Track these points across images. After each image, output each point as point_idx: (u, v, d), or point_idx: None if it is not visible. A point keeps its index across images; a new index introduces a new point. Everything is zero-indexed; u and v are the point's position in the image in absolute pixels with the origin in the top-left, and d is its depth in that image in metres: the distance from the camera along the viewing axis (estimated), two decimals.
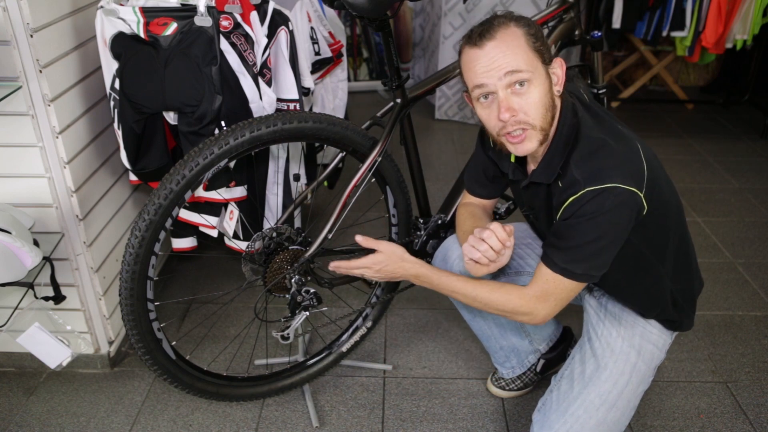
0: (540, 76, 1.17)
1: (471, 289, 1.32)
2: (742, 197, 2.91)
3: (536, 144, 1.21)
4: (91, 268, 1.71)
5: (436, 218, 1.76)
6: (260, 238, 1.48)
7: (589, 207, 1.15)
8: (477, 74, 1.18)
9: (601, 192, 1.13)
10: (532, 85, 1.16)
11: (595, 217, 1.15)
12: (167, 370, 1.53)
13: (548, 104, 1.19)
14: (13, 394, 1.78)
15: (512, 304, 1.28)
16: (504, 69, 1.15)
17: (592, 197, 1.14)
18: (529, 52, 1.16)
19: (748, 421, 1.70)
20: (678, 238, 1.32)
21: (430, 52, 3.84)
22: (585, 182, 1.15)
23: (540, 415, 1.42)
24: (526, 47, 1.16)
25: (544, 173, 1.25)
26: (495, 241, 1.23)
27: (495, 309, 1.32)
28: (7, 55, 1.42)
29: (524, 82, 1.16)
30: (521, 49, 1.15)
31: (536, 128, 1.19)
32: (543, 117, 1.19)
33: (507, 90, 1.17)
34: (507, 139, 1.21)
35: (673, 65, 4.16)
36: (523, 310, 1.28)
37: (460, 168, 2.09)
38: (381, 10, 1.44)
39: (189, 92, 1.54)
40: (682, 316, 1.38)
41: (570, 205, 1.18)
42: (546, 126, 1.20)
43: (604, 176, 1.14)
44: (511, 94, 1.17)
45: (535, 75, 1.16)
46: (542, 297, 1.26)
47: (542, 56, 1.18)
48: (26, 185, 1.58)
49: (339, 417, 1.72)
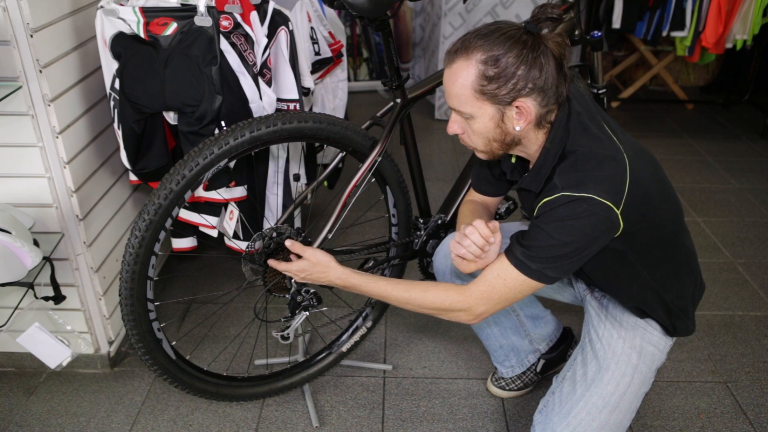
0: (484, 116, 1.18)
1: (403, 290, 1.32)
2: (742, 197, 2.91)
3: (488, 157, 1.28)
4: (91, 268, 1.71)
5: (436, 218, 1.76)
6: (260, 238, 1.48)
7: (561, 210, 1.14)
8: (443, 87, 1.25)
9: (575, 199, 1.13)
10: (473, 119, 1.19)
11: (564, 221, 1.14)
12: (167, 370, 1.53)
13: (495, 137, 1.21)
14: (13, 394, 1.78)
15: (449, 300, 1.27)
16: (450, 101, 1.21)
17: (566, 201, 1.14)
18: (471, 96, 1.16)
19: (748, 421, 1.70)
20: (673, 248, 1.31)
21: (430, 52, 3.84)
22: (562, 188, 1.15)
23: (542, 417, 1.41)
24: (470, 90, 1.15)
25: (533, 181, 1.25)
26: (477, 237, 1.24)
27: (430, 308, 1.30)
28: (7, 55, 1.42)
29: (466, 116, 1.20)
30: (465, 90, 1.16)
31: (479, 151, 1.26)
32: (485, 145, 1.23)
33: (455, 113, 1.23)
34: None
35: (673, 65, 4.16)
36: (459, 306, 1.27)
37: (460, 168, 2.09)
38: (381, 10, 1.44)
39: (189, 92, 1.54)
40: (676, 322, 1.38)
41: (543, 205, 1.18)
42: (492, 151, 1.25)
43: (581, 186, 1.14)
44: (459, 116, 1.23)
45: (477, 115, 1.18)
46: (485, 294, 1.24)
47: (494, 98, 1.15)
48: (26, 185, 1.58)
49: (339, 417, 1.72)
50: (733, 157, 3.33)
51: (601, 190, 1.13)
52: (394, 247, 1.77)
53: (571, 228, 1.14)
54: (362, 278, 1.37)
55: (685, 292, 1.38)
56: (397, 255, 1.78)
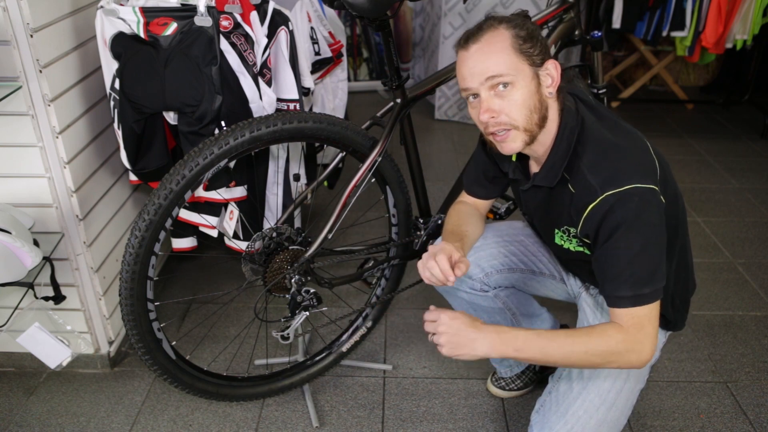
0: (524, 78, 1.16)
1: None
2: (742, 197, 2.91)
3: (521, 144, 1.20)
4: (91, 268, 1.71)
5: (436, 218, 1.77)
6: (260, 238, 1.48)
7: (616, 217, 1.11)
8: (463, 76, 1.20)
9: (621, 196, 1.10)
10: (514, 87, 1.16)
11: (629, 226, 1.10)
12: (167, 370, 1.53)
13: (534, 106, 1.18)
14: (13, 394, 1.78)
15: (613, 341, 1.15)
16: (484, 73, 1.16)
17: (614, 202, 1.11)
18: (512, 55, 1.15)
19: (748, 421, 1.70)
20: (684, 238, 1.32)
21: (430, 52, 3.84)
22: (602, 187, 1.12)
23: (539, 416, 1.41)
24: (510, 50, 1.15)
25: (547, 176, 1.24)
26: (437, 272, 1.22)
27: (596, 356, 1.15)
28: (7, 55, 1.42)
29: (506, 84, 1.16)
30: (504, 52, 1.15)
31: (519, 129, 1.18)
32: (527, 118, 1.18)
33: (490, 92, 1.17)
34: (493, 138, 1.22)
35: (673, 65, 4.16)
36: (623, 347, 1.14)
37: (460, 168, 2.09)
38: (381, 10, 1.44)
39: (189, 92, 1.54)
40: (677, 315, 1.38)
41: (592, 214, 1.14)
42: (531, 127, 1.19)
43: (621, 178, 1.11)
44: (494, 95, 1.17)
45: (518, 77, 1.16)
46: (637, 327, 1.14)
47: (530, 58, 1.16)
48: (26, 185, 1.58)
49: (339, 417, 1.72)
50: (733, 157, 3.33)
51: (640, 175, 1.11)
52: (394, 247, 1.77)
53: (639, 227, 1.11)
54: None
55: (690, 285, 1.39)
56: (397, 255, 1.78)
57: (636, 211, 1.10)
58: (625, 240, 1.11)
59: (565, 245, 1.30)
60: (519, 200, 1.45)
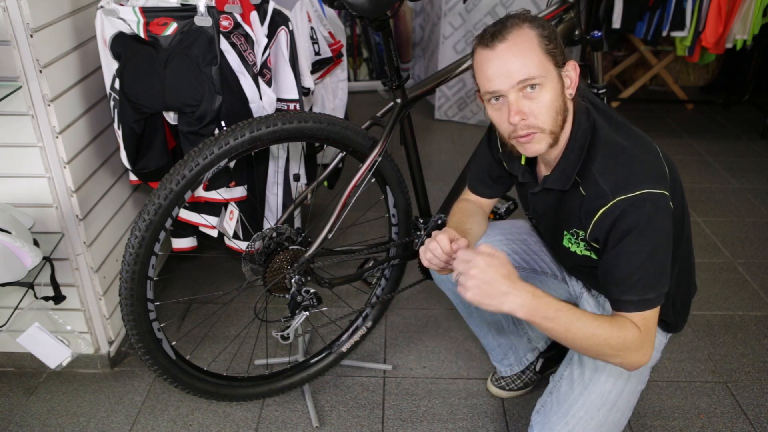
0: (552, 80, 1.14)
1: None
2: (742, 197, 2.91)
3: (545, 146, 1.18)
4: (91, 268, 1.71)
5: (436, 218, 1.76)
6: (260, 238, 1.48)
7: (627, 222, 1.10)
8: (488, 77, 1.15)
9: (633, 201, 1.10)
10: (543, 88, 1.13)
11: (640, 231, 1.10)
12: (167, 370, 1.53)
13: (559, 108, 1.16)
14: (13, 394, 1.78)
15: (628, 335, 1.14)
16: (515, 75, 1.12)
17: (626, 207, 1.10)
18: (540, 56, 1.13)
19: (748, 421, 1.70)
20: (687, 242, 1.31)
21: (430, 52, 3.84)
22: (613, 192, 1.12)
23: (540, 417, 1.41)
24: (538, 50, 1.13)
25: (559, 179, 1.22)
26: (439, 252, 1.21)
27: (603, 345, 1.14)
28: (7, 55, 1.42)
29: (535, 86, 1.13)
30: (533, 53, 1.12)
31: (545, 132, 1.16)
32: (553, 120, 1.16)
33: (518, 93, 1.13)
34: (517, 141, 1.19)
35: (673, 65, 4.16)
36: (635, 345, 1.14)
37: (460, 168, 2.09)
38: (381, 10, 1.44)
39: (189, 92, 1.54)
40: (677, 318, 1.38)
41: (602, 218, 1.13)
42: (556, 129, 1.17)
43: (633, 183, 1.10)
44: (522, 97, 1.14)
45: (546, 79, 1.13)
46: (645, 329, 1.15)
47: (555, 59, 1.14)
48: (26, 185, 1.58)
49: (339, 417, 1.72)
50: (733, 157, 3.33)
51: (652, 180, 1.11)
52: (394, 247, 1.77)
53: (649, 232, 1.10)
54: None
55: (691, 289, 1.39)
56: (397, 255, 1.78)
57: (647, 216, 1.09)
58: (635, 245, 1.11)
59: (572, 248, 1.29)
60: (525, 203, 1.43)
